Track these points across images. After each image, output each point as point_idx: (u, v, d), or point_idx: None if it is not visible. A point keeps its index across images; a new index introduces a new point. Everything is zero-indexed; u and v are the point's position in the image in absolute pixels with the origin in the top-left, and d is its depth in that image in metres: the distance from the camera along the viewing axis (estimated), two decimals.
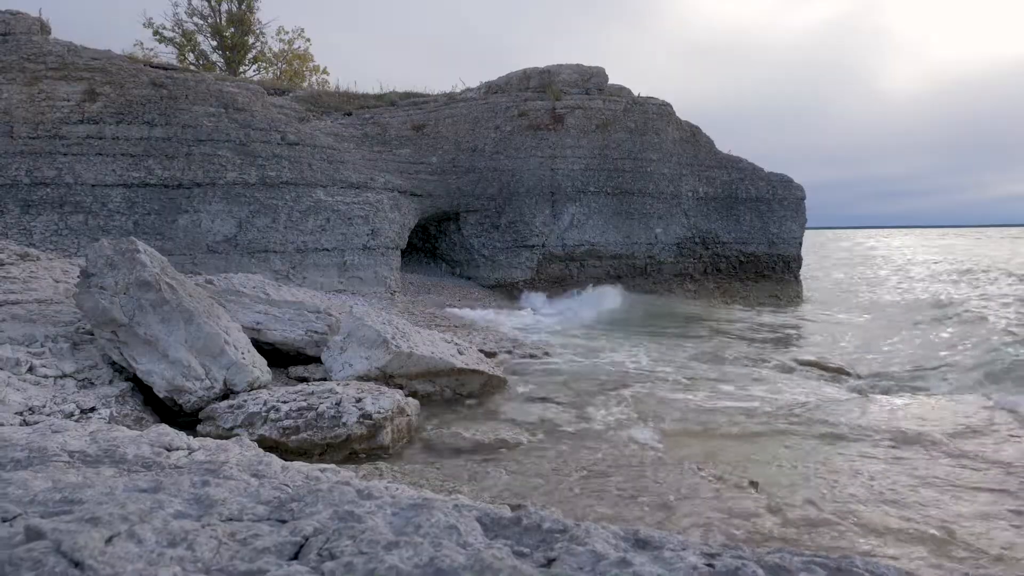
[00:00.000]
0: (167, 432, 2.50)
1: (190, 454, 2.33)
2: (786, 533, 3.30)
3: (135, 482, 1.35)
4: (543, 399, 6.10)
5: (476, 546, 1.07)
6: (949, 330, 11.07)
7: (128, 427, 4.56)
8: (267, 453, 2.61)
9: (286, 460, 3.27)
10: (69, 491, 1.21)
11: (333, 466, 2.64)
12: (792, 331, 11.94)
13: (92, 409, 4.53)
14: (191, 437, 2.65)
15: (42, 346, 5.11)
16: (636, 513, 3.51)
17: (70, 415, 4.35)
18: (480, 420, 5.38)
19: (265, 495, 1.29)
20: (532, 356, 8.27)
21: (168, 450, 2.14)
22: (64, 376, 4.84)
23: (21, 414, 3.97)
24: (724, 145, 18.85)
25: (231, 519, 1.16)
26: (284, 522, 1.18)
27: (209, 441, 2.66)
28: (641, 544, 1.11)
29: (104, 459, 1.73)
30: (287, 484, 1.47)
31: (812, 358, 8.70)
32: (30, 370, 4.71)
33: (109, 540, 0.98)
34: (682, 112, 17.90)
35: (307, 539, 1.12)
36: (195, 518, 1.14)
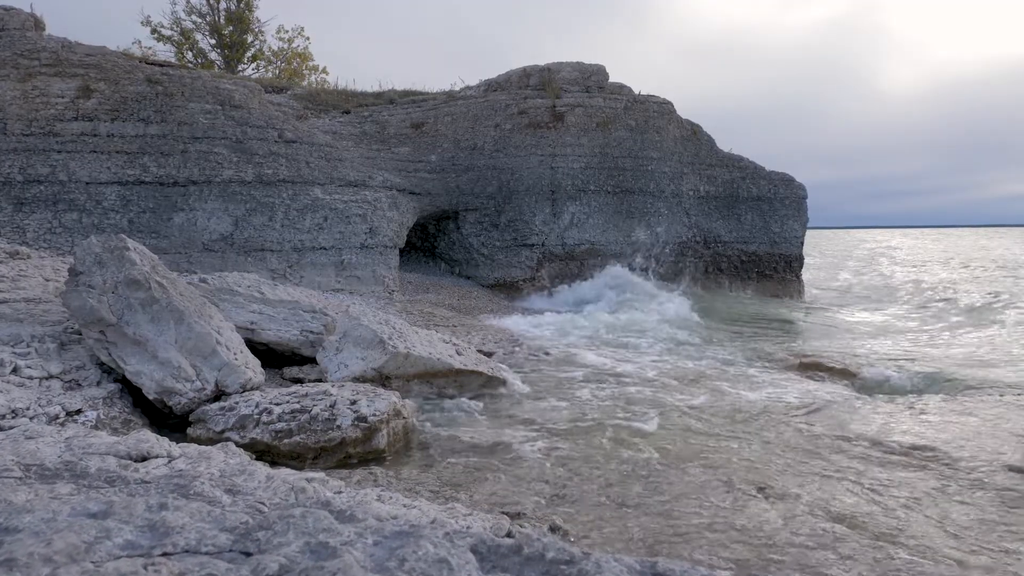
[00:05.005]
0: (147, 439, 2.36)
1: (170, 462, 2.19)
2: (798, 546, 3.16)
3: (86, 504, 1.20)
4: (543, 400, 5.96)
5: None
6: None
7: (116, 430, 4.42)
8: (252, 461, 2.47)
9: (278, 464, 3.12)
10: (5, 517, 1.06)
11: (322, 475, 2.49)
12: None
13: (78, 411, 4.38)
14: (173, 444, 2.51)
15: (28, 346, 4.96)
16: (641, 523, 3.37)
17: (55, 418, 4.20)
18: (479, 422, 5.24)
19: (231, 520, 1.14)
20: (533, 356, 8.13)
21: (140, 460, 1.99)
22: (50, 377, 4.69)
23: (2, 417, 3.83)
24: (724, 145, 18.69)
25: (187, 551, 1.01)
26: (248, 555, 1.03)
27: (192, 448, 2.52)
28: None
29: (64, 473, 1.58)
30: (262, 503, 1.32)
31: None
32: (14, 371, 4.56)
33: None
34: (682, 111, 17.74)
35: None
36: (143, 552, 0.99)
